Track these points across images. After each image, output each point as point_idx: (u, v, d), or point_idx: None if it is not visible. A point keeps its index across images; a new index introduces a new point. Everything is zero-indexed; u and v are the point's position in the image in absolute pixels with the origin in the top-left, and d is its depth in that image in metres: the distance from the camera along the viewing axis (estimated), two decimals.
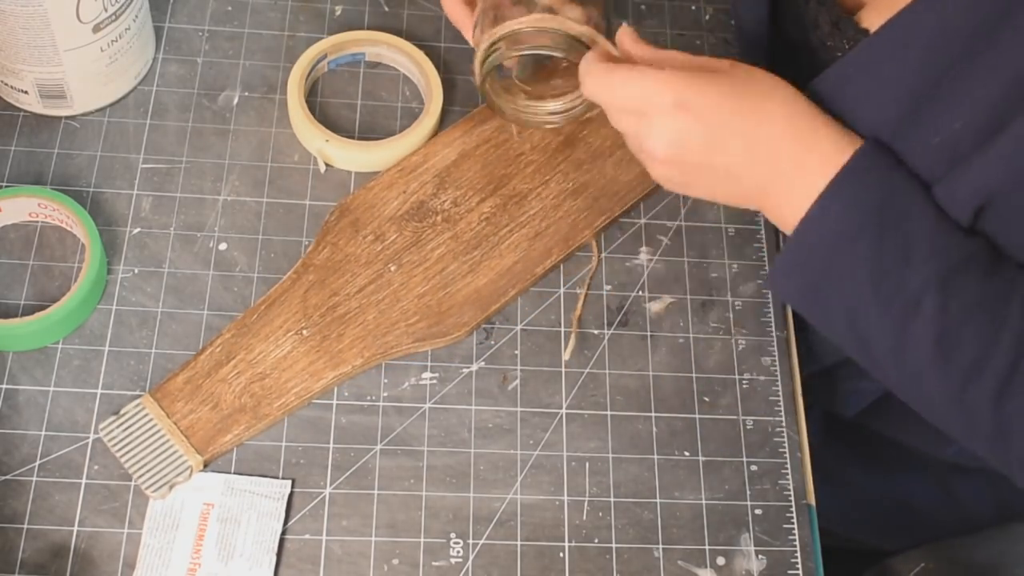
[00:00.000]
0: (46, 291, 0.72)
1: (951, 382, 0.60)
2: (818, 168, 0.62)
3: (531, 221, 0.78)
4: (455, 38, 0.86)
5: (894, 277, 0.60)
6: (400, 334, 0.73)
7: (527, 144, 0.80)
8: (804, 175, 0.62)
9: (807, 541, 0.71)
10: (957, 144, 0.60)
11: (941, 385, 0.61)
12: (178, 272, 0.74)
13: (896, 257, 0.60)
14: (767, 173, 0.64)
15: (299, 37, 0.84)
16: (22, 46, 0.72)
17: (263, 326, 0.72)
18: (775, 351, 0.77)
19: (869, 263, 0.61)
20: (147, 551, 0.66)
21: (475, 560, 0.68)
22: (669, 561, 0.70)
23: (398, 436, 0.71)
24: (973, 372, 0.60)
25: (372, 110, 0.82)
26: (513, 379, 0.74)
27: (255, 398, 0.70)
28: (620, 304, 0.77)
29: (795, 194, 0.63)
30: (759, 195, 0.65)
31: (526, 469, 0.71)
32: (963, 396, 0.60)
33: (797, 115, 0.63)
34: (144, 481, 0.67)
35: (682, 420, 0.74)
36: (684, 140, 0.63)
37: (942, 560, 0.84)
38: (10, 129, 0.78)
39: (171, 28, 0.83)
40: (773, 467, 0.73)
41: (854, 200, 0.61)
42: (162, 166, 0.78)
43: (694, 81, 0.62)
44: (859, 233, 0.61)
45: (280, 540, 0.67)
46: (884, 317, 0.61)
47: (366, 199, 0.77)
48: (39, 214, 0.74)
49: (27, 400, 0.69)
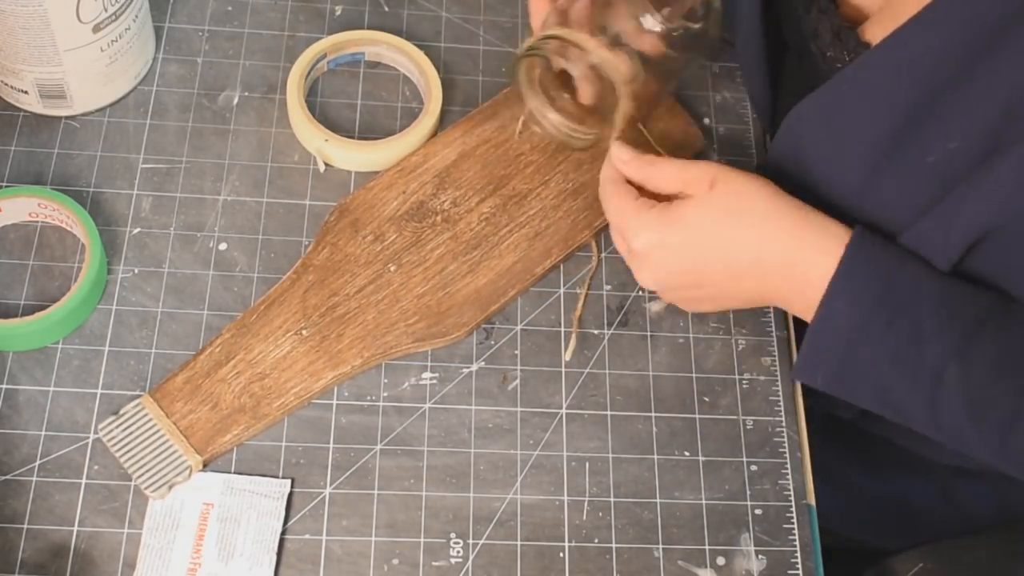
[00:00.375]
0: (46, 291, 0.72)
1: (991, 440, 0.62)
2: (812, 259, 0.64)
3: (531, 221, 0.78)
4: (455, 38, 0.86)
5: (912, 357, 0.62)
6: (400, 334, 0.73)
7: (527, 144, 0.80)
8: (795, 279, 0.65)
9: (807, 541, 0.71)
10: (952, 164, 0.61)
11: (982, 444, 0.63)
12: (178, 272, 0.74)
13: (909, 338, 0.62)
14: (757, 287, 0.67)
15: (299, 37, 0.84)
16: (22, 46, 0.72)
17: (263, 326, 0.72)
18: (775, 351, 0.77)
19: (885, 350, 0.62)
20: (147, 551, 0.66)
21: (475, 560, 0.68)
22: (669, 561, 0.70)
23: (398, 436, 0.71)
24: (1009, 427, 0.61)
25: (372, 110, 0.82)
26: (513, 379, 0.74)
27: (254, 398, 0.70)
28: (620, 304, 0.77)
29: (797, 292, 0.65)
30: (760, 301, 0.69)
31: (526, 469, 0.71)
32: (1004, 450, 0.62)
33: (780, 217, 0.65)
34: (143, 481, 0.67)
35: (682, 420, 0.74)
36: (666, 278, 0.69)
37: (941, 561, 0.84)
38: (10, 129, 0.78)
39: (171, 28, 0.83)
40: (773, 467, 0.73)
41: (856, 295, 0.63)
42: (162, 166, 0.78)
43: (670, 220, 0.66)
44: (868, 325, 0.62)
45: (280, 540, 0.67)
46: (912, 393, 0.63)
47: (366, 199, 0.77)
48: (39, 214, 0.74)
49: (27, 400, 0.69)
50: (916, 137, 0.62)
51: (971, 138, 0.60)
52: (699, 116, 0.84)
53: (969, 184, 0.60)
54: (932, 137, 0.61)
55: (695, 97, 0.86)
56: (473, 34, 0.86)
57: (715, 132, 0.84)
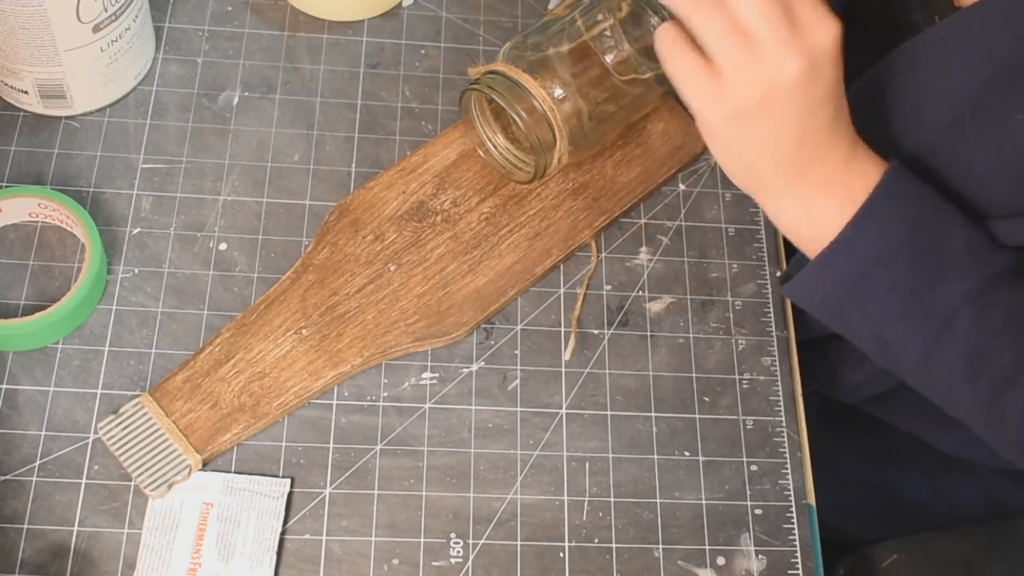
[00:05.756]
0: (46, 291, 0.72)
1: (983, 393, 0.61)
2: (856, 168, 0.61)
3: (530, 221, 0.78)
4: (455, 38, 0.86)
5: (925, 297, 0.61)
6: (399, 334, 0.73)
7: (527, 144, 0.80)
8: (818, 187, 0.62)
9: (807, 541, 0.71)
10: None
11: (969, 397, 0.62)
12: (178, 272, 0.74)
13: (929, 278, 0.61)
14: (810, 156, 0.61)
15: (299, 37, 0.84)
16: (22, 46, 0.72)
17: (262, 325, 0.72)
18: (775, 351, 0.77)
19: (899, 284, 0.61)
20: (147, 551, 0.66)
21: (475, 560, 0.68)
22: (669, 561, 0.70)
23: (398, 436, 0.71)
24: (1005, 384, 0.60)
25: (372, 110, 0.82)
26: (513, 379, 0.74)
27: (254, 397, 0.70)
28: (620, 304, 0.77)
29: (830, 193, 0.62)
30: (795, 174, 0.62)
31: (526, 469, 0.71)
32: (993, 405, 0.61)
33: (848, 122, 0.63)
34: (143, 480, 0.67)
35: (682, 420, 0.74)
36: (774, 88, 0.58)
37: (918, 552, 0.83)
38: (10, 129, 0.78)
39: (171, 28, 0.83)
40: (773, 467, 0.73)
41: (887, 224, 0.61)
42: (162, 166, 0.78)
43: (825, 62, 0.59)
44: (891, 257, 0.61)
45: (280, 540, 0.67)
46: (913, 333, 0.62)
47: (366, 199, 0.77)
48: (39, 214, 0.74)
49: (27, 400, 0.69)
50: (1009, 91, 0.61)
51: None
52: None
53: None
54: None
55: None
56: (473, 34, 0.86)
57: None
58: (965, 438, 0.83)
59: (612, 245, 0.79)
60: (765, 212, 0.67)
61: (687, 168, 0.82)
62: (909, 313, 0.61)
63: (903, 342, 0.62)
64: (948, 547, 0.84)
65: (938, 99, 0.64)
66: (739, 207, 0.81)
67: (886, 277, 0.61)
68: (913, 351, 0.62)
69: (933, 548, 0.84)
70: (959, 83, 0.63)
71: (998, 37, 0.61)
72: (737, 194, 0.82)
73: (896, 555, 0.82)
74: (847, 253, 0.62)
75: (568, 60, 0.73)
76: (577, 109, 0.73)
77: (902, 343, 0.62)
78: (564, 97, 0.72)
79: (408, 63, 0.84)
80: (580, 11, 0.75)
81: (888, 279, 0.61)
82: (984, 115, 0.62)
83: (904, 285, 0.61)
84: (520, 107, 0.72)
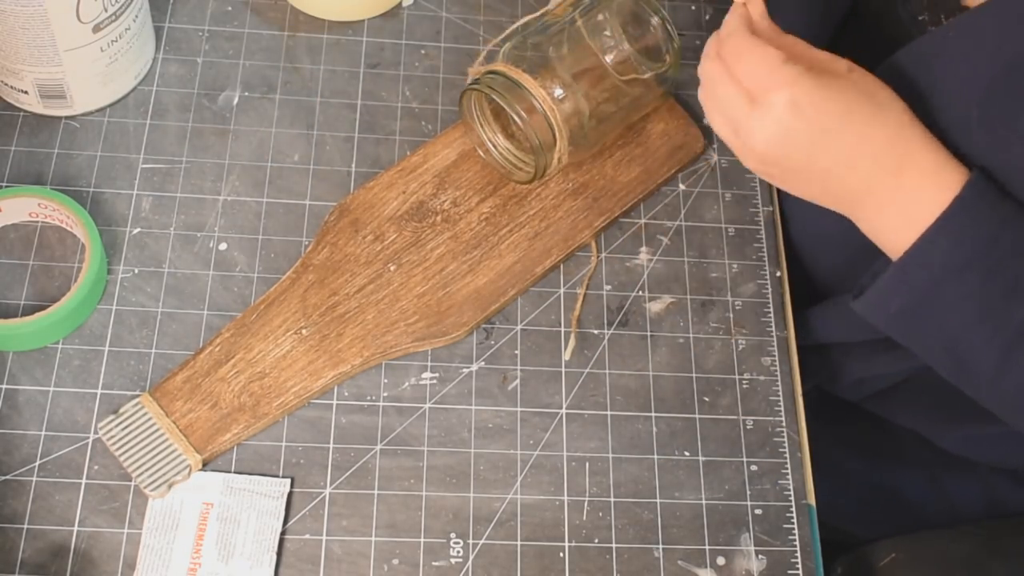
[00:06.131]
0: (46, 291, 0.72)
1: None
2: (914, 187, 0.62)
3: (530, 221, 0.78)
4: (455, 38, 0.86)
5: (1000, 310, 0.61)
6: (399, 334, 0.73)
7: (527, 144, 0.80)
8: (901, 192, 0.62)
9: (807, 541, 0.71)
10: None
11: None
12: (178, 272, 0.74)
13: (1003, 292, 0.61)
14: (864, 182, 0.63)
15: (299, 37, 0.84)
16: (22, 46, 0.72)
17: (262, 325, 0.72)
18: (775, 351, 0.77)
19: (974, 296, 0.61)
20: (147, 551, 0.66)
21: (475, 560, 0.68)
22: (669, 561, 0.70)
23: (398, 436, 0.71)
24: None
25: (372, 110, 0.82)
26: (513, 379, 0.74)
27: (254, 397, 0.70)
28: (620, 304, 0.77)
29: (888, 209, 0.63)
30: (851, 202, 0.65)
31: (526, 469, 0.71)
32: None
33: (906, 129, 0.63)
34: (143, 480, 0.67)
35: (682, 420, 0.74)
36: (788, 141, 0.63)
37: (916, 551, 0.83)
38: (10, 129, 0.78)
39: (171, 28, 0.83)
40: (773, 467, 0.73)
41: (962, 237, 0.61)
42: (162, 166, 0.78)
43: (812, 82, 0.62)
44: (964, 269, 0.61)
45: (280, 540, 0.67)
46: (987, 345, 0.62)
47: (366, 199, 0.77)
48: (39, 214, 0.74)
49: (27, 400, 0.69)
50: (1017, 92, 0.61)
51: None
52: (699, 116, 0.84)
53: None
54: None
55: (695, 97, 0.85)
56: (473, 34, 0.86)
57: (716, 132, 0.84)
58: (968, 435, 0.83)
59: (612, 245, 0.79)
60: None
61: (687, 168, 0.82)
62: (983, 325, 0.61)
63: (977, 354, 0.62)
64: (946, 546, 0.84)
65: (946, 99, 0.64)
66: (739, 207, 0.81)
67: (960, 288, 0.61)
68: (987, 362, 0.62)
69: (930, 547, 0.83)
70: (967, 83, 0.63)
71: (1006, 37, 0.61)
72: (737, 194, 0.82)
73: (894, 554, 0.82)
74: (920, 264, 0.62)
75: (568, 60, 0.73)
76: (577, 109, 0.73)
77: (976, 355, 0.63)
78: (564, 97, 0.72)
79: (408, 63, 0.84)
80: (580, 11, 0.75)
81: (961, 290, 0.61)
82: (992, 115, 0.62)
83: (978, 298, 0.61)
84: (520, 107, 0.72)
